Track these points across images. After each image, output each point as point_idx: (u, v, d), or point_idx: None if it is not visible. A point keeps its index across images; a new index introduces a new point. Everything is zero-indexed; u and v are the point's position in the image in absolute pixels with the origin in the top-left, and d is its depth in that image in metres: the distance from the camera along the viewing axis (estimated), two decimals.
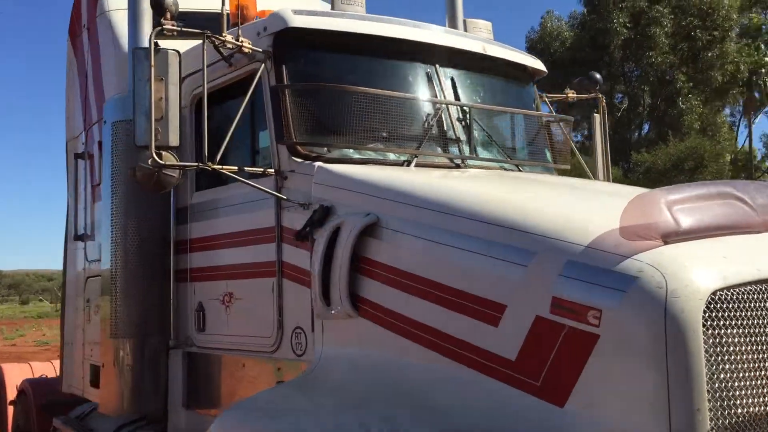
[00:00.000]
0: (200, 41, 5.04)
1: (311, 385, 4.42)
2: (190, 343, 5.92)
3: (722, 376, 3.03)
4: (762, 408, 3.09)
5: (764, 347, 3.14)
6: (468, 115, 5.39)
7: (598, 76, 6.66)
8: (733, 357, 3.07)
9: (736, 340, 3.09)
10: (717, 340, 3.05)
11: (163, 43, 6.22)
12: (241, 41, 5.07)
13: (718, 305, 3.08)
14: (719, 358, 3.04)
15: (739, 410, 3.03)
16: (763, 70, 43.77)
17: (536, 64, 6.26)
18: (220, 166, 4.83)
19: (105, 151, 6.24)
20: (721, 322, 3.07)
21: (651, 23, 36.26)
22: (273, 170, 5.03)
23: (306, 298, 4.78)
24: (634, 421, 3.05)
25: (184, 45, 6.33)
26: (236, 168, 4.95)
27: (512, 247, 3.55)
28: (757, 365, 3.11)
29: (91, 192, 7.32)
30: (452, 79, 5.62)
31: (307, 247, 4.79)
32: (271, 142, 5.15)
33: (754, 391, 3.09)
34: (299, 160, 4.97)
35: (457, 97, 5.54)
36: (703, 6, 36.69)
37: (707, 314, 3.04)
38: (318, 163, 4.89)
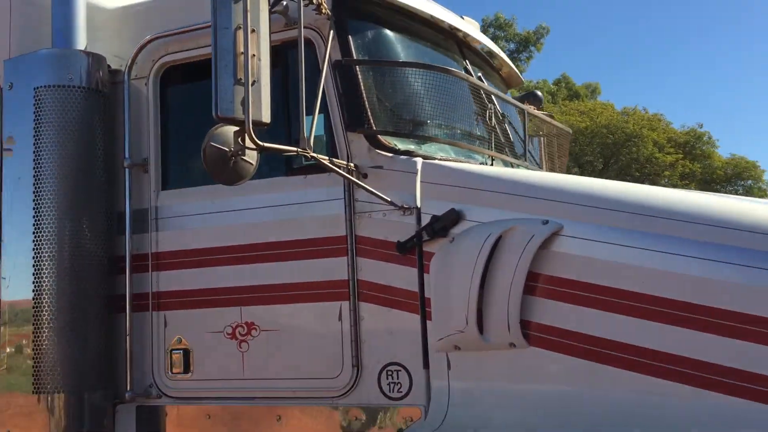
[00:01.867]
0: None
1: None
2: (155, 394, 4.38)
3: None
4: None
5: None
6: (524, 119, 4.86)
7: (539, 94, 6.53)
8: None
9: None
10: None
11: None
12: None
13: None
14: None
15: None
16: None
17: (517, 72, 5.92)
18: (318, 155, 3.66)
19: (18, 127, 4.40)
20: None
21: None
22: (353, 165, 3.96)
23: (408, 326, 3.84)
24: None
25: None
26: (328, 158, 3.80)
27: None
28: None
29: None
30: (480, 78, 5.04)
31: (412, 262, 3.85)
32: (336, 131, 4.07)
33: None
34: (388, 154, 3.99)
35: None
36: None
37: None
38: (419, 159, 3.97)
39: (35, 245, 4.27)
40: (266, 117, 3.42)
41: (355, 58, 4.11)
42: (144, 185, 4.51)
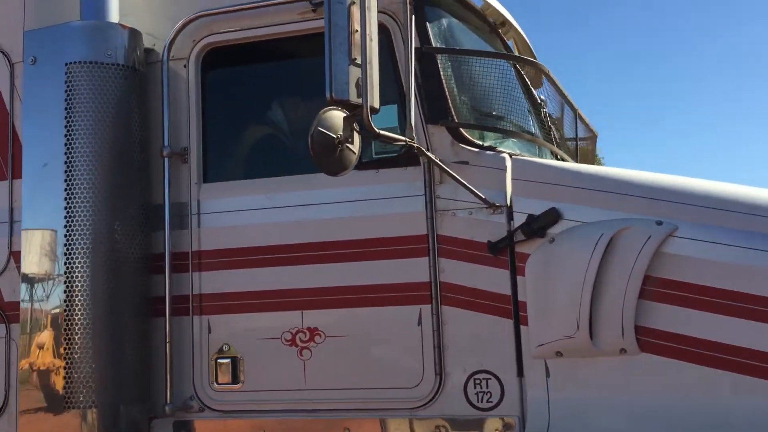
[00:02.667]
0: None
1: None
2: (197, 407, 3.96)
3: None
4: None
5: None
6: (576, 120, 4.74)
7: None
8: None
9: None
10: None
11: None
12: None
13: None
14: None
15: None
16: None
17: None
18: (422, 147, 3.39)
19: (43, 108, 3.88)
20: None
21: None
22: (438, 159, 3.69)
23: (499, 331, 3.62)
24: None
25: None
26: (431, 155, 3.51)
27: None
28: None
29: None
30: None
31: (502, 264, 3.62)
32: (416, 123, 3.78)
33: None
34: (473, 149, 3.75)
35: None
36: None
37: None
38: (507, 155, 3.75)
39: (67, 241, 3.78)
40: (377, 102, 3.13)
41: (434, 46, 3.86)
42: (182, 176, 4.08)
